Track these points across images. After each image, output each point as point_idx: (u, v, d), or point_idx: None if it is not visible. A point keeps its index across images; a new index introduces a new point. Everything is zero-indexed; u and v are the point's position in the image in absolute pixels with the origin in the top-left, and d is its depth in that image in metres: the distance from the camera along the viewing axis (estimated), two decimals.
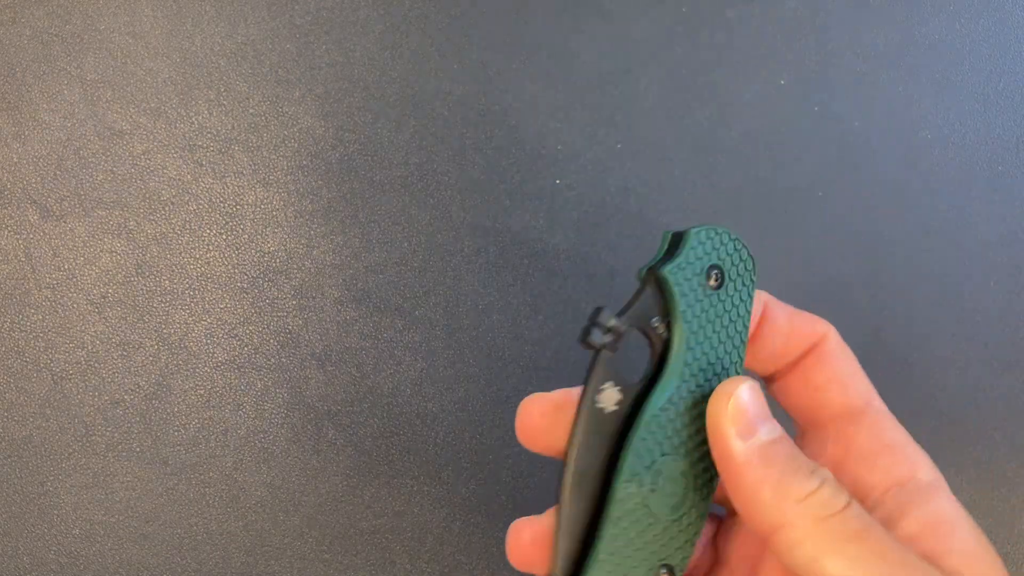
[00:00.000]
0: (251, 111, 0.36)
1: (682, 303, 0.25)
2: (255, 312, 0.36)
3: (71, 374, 0.35)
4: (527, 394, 0.36)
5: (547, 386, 0.36)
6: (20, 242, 0.36)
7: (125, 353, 0.36)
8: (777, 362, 0.28)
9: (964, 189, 0.38)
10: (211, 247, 0.36)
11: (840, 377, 0.27)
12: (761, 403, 0.24)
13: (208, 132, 0.36)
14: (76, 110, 0.36)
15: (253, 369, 0.36)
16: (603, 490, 0.25)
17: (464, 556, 0.36)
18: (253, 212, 0.36)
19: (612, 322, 0.24)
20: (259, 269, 0.36)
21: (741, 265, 0.26)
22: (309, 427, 0.36)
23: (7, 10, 0.36)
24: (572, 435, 0.25)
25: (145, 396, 0.35)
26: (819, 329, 0.28)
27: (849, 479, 0.25)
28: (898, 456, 0.26)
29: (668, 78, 0.37)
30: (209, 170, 0.36)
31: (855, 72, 0.38)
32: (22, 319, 0.35)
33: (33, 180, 0.36)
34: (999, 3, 0.38)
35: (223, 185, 0.36)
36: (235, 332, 0.36)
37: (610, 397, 0.25)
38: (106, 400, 0.35)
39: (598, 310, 0.24)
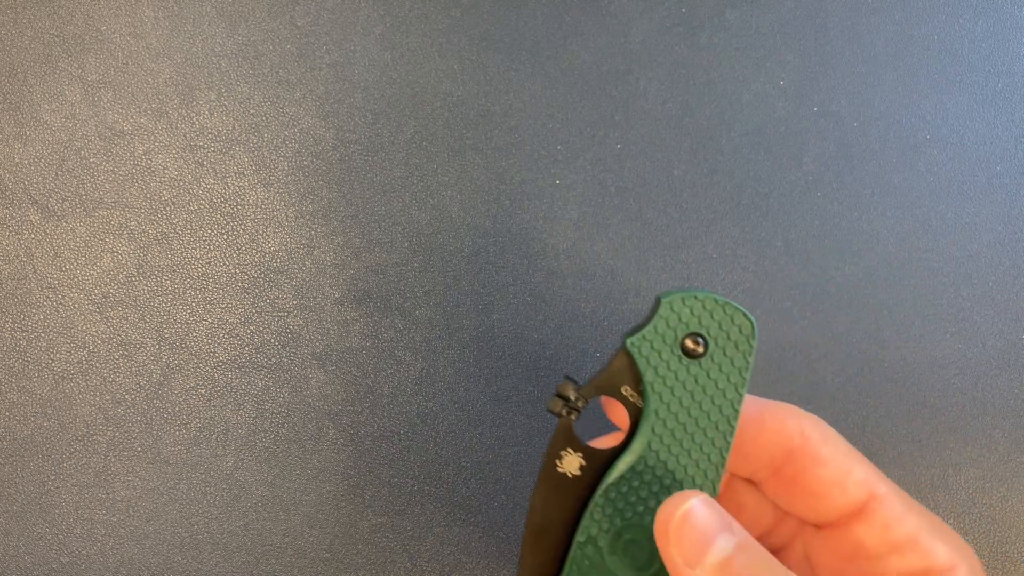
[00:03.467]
0: (252, 112, 0.36)
1: (648, 374, 0.24)
2: (256, 312, 0.36)
3: (72, 374, 0.35)
4: (527, 394, 0.36)
5: (547, 386, 0.37)
6: (21, 242, 0.36)
7: (126, 353, 0.36)
8: (751, 466, 0.26)
9: (963, 189, 0.38)
10: (212, 247, 0.36)
11: (835, 477, 0.24)
12: (714, 516, 0.22)
13: (209, 133, 0.36)
14: (77, 111, 0.36)
15: (254, 369, 0.36)
16: (566, 549, 0.25)
17: (464, 556, 0.36)
18: (254, 212, 0.36)
19: (571, 393, 0.25)
20: (260, 269, 0.36)
21: (733, 330, 0.24)
22: (310, 427, 0.36)
23: (8, 11, 0.36)
24: (533, 495, 0.25)
25: (146, 396, 0.36)
26: (792, 427, 0.25)
27: None
28: (908, 554, 0.24)
29: (668, 78, 0.37)
30: (210, 170, 0.36)
31: (855, 72, 0.38)
32: (23, 319, 0.36)
33: (35, 180, 0.36)
34: (999, 3, 0.38)
35: (224, 185, 0.36)
36: (236, 332, 0.36)
37: (572, 463, 0.25)
38: (107, 400, 0.35)
39: (565, 380, 0.25)
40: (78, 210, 0.36)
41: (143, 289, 0.36)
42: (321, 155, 0.36)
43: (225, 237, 0.36)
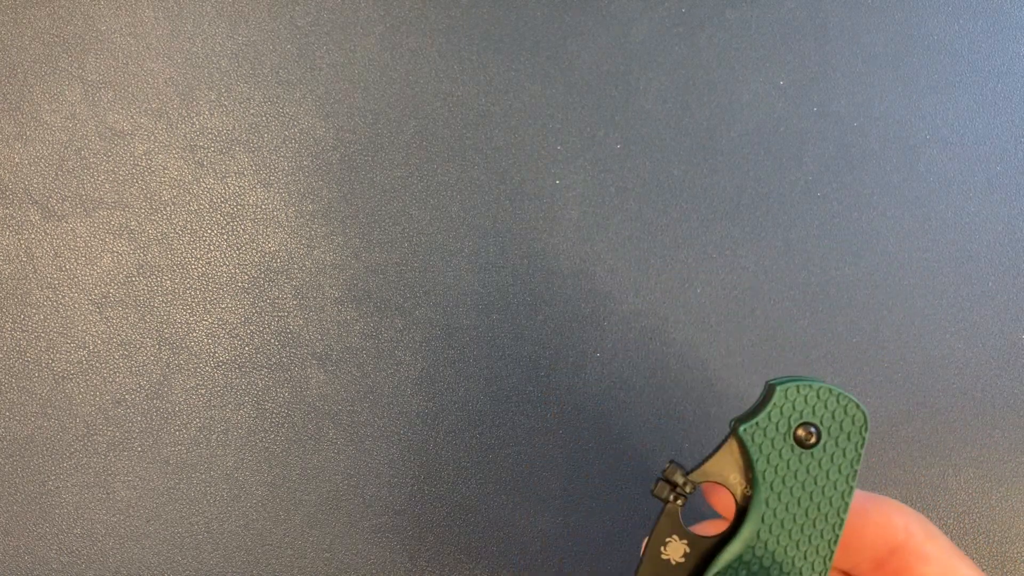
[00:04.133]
0: (252, 112, 0.36)
1: (760, 463, 0.24)
2: (256, 312, 0.36)
3: (72, 374, 0.35)
4: (527, 394, 0.36)
5: (547, 386, 0.37)
6: (22, 242, 0.36)
7: (126, 353, 0.36)
8: (852, 559, 0.26)
9: (963, 189, 0.38)
10: (212, 247, 0.36)
11: (941, 571, 0.24)
12: None
13: (209, 133, 0.36)
14: (77, 111, 0.36)
15: (254, 368, 0.36)
16: None
17: (464, 556, 0.36)
18: (254, 212, 0.36)
19: (679, 478, 0.24)
20: (260, 269, 0.36)
21: (846, 421, 0.24)
22: (310, 426, 0.36)
23: (8, 11, 0.36)
24: None
25: (146, 395, 0.36)
26: (898, 522, 0.25)
27: None
28: None
29: (668, 78, 0.37)
30: (210, 170, 0.36)
31: (855, 72, 0.38)
32: (23, 319, 0.36)
33: (35, 180, 0.36)
34: (998, 3, 0.38)
35: (224, 185, 0.36)
36: (236, 332, 0.36)
37: (676, 550, 0.24)
38: (107, 399, 0.35)
39: (670, 463, 0.24)
40: (78, 210, 0.36)
41: (143, 289, 0.36)
42: (321, 155, 0.36)
43: (225, 237, 0.36)
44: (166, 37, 0.36)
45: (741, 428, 0.24)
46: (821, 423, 0.24)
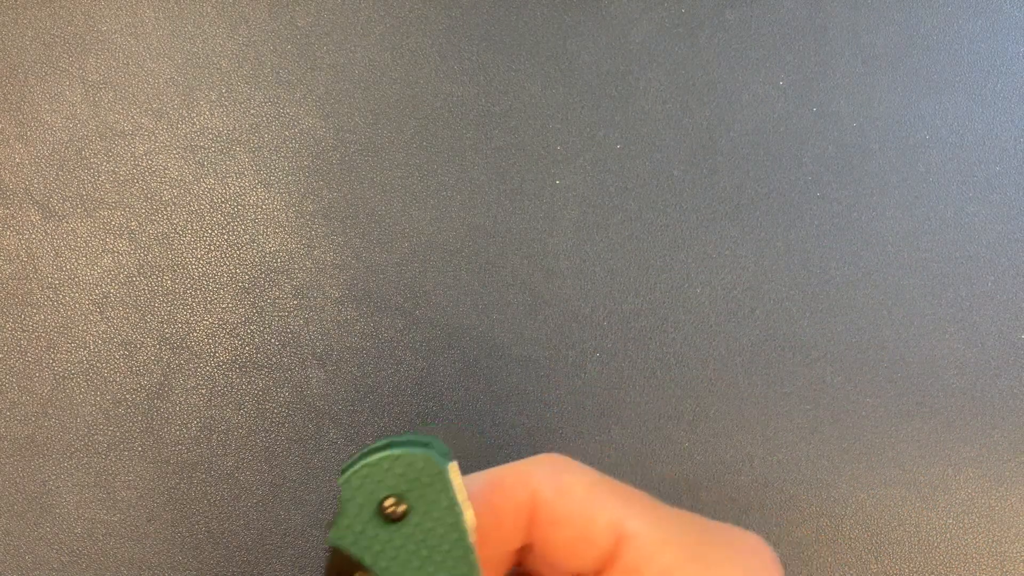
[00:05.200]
0: (252, 112, 0.37)
1: (367, 557, 0.22)
2: (256, 312, 0.36)
3: (73, 373, 0.35)
4: (527, 394, 0.36)
5: (547, 384, 0.37)
6: (22, 242, 0.36)
7: (127, 353, 0.36)
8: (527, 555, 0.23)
9: (962, 189, 0.38)
10: (213, 247, 0.36)
11: (579, 533, 0.22)
12: None
13: (210, 133, 0.36)
14: (78, 111, 0.36)
15: (254, 368, 0.36)
16: None
17: None
18: (254, 212, 0.36)
19: None
20: (260, 269, 0.36)
21: (423, 476, 0.23)
22: (310, 426, 0.36)
23: (9, 11, 0.36)
24: None
25: (147, 395, 0.36)
26: (520, 497, 0.23)
27: None
28: None
29: (668, 78, 0.37)
30: (211, 171, 0.36)
31: (854, 72, 0.38)
32: (24, 319, 0.36)
33: (35, 180, 0.36)
34: (997, 3, 0.38)
35: (224, 186, 0.36)
36: (237, 332, 0.36)
37: None
38: (108, 399, 0.36)
39: None
40: (79, 210, 0.36)
41: (143, 289, 0.36)
42: (321, 155, 0.36)
43: (225, 237, 0.36)
44: (166, 37, 0.36)
45: (330, 538, 0.23)
46: (400, 491, 0.22)
